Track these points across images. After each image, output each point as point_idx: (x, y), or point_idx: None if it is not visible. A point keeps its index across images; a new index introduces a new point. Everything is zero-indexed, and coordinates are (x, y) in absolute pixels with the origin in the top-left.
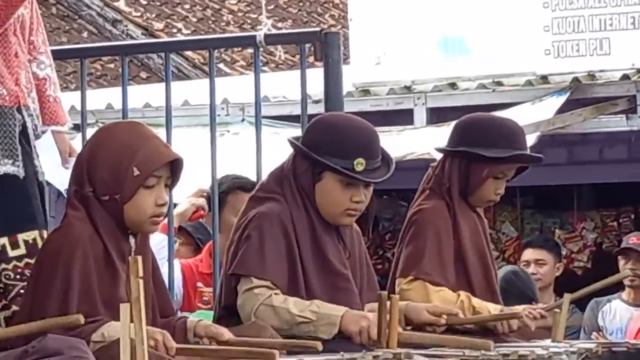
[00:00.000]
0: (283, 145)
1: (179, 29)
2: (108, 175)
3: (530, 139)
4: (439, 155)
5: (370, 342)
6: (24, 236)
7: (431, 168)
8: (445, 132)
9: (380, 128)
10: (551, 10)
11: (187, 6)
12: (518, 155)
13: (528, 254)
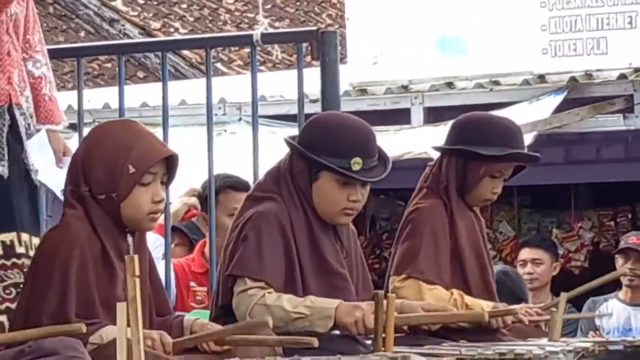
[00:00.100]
0: (280, 145)
1: (176, 28)
2: (104, 173)
3: (527, 138)
4: (436, 154)
5: (367, 332)
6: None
7: (429, 167)
8: (442, 132)
9: (377, 127)
10: (548, 9)
11: (184, 5)
12: (515, 154)
13: (525, 254)
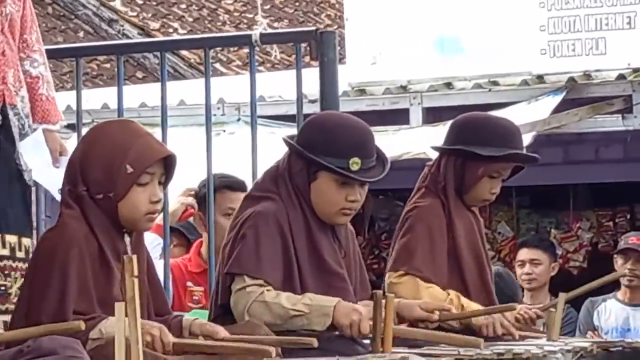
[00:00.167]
0: (279, 145)
1: (175, 28)
2: (101, 173)
3: (526, 138)
4: (435, 154)
5: (360, 336)
6: None
7: (427, 167)
8: (441, 132)
9: (376, 128)
10: (547, 9)
11: (183, 6)
12: (513, 155)
13: (523, 254)
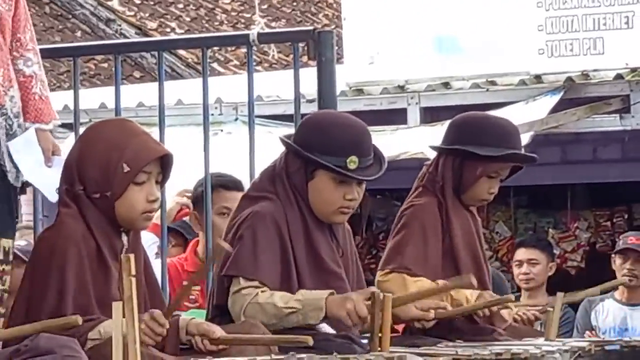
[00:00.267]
0: (276, 145)
1: (173, 28)
2: (98, 172)
3: (523, 138)
4: (433, 154)
5: (362, 321)
6: None
7: (425, 166)
8: (438, 132)
9: (373, 127)
10: (545, 9)
11: (181, 5)
12: (511, 155)
13: (521, 254)
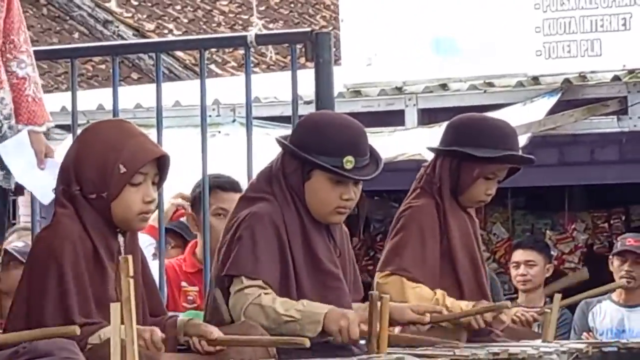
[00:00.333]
0: (274, 146)
1: (170, 29)
2: (95, 173)
3: (521, 140)
4: (430, 156)
5: (351, 342)
6: None
7: (423, 167)
8: (436, 133)
9: (371, 129)
10: (542, 11)
11: (179, 7)
12: (509, 156)
13: (518, 255)
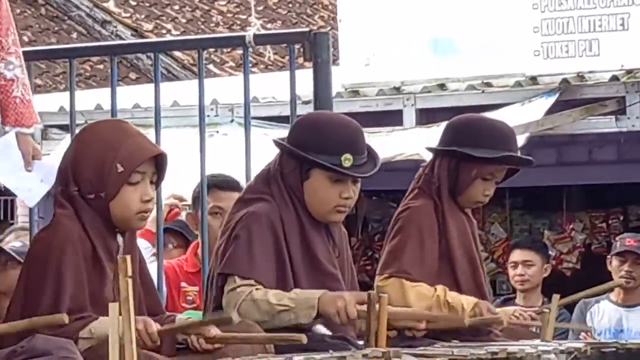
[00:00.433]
0: (272, 146)
1: (168, 29)
2: (92, 173)
3: (519, 140)
4: (429, 156)
5: (350, 321)
6: None
7: (422, 168)
8: (434, 133)
9: (369, 129)
10: (540, 11)
11: (177, 7)
12: (507, 157)
13: (516, 255)
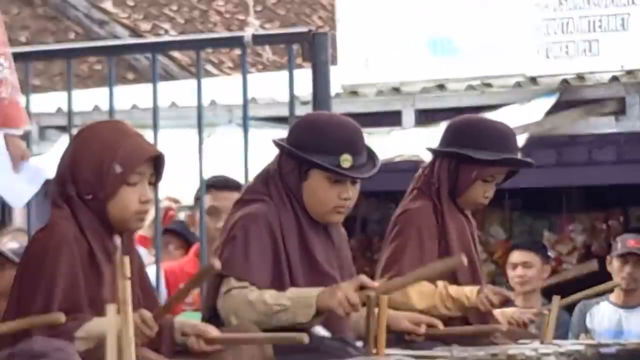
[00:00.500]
0: (271, 147)
1: (166, 30)
2: (90, 174)
3: (519, 140)
4: (428, 156)
5: (354, 309)
6: None
7: (421, 168)
8: (433, 134)
9: (368, 129)
10: (540, 11)
11: (174, 7)
12: (507, 159)
13: (515, 257)
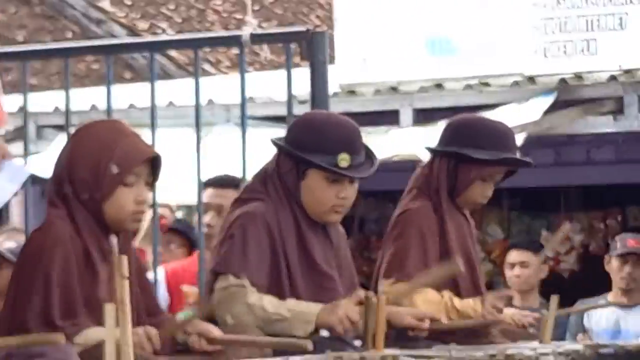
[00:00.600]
0: (268, 146)
1: (164, 29)
2: (87, 174)
3: (517, 140)
4: (426, 156)
5: (354, 326)
6: None
7: (420, 168)
8: (431, 133)
9: (366, 128)
10: (538, 11)
11: (172, 6)
12: (506, 159)
13: (513, 256)
